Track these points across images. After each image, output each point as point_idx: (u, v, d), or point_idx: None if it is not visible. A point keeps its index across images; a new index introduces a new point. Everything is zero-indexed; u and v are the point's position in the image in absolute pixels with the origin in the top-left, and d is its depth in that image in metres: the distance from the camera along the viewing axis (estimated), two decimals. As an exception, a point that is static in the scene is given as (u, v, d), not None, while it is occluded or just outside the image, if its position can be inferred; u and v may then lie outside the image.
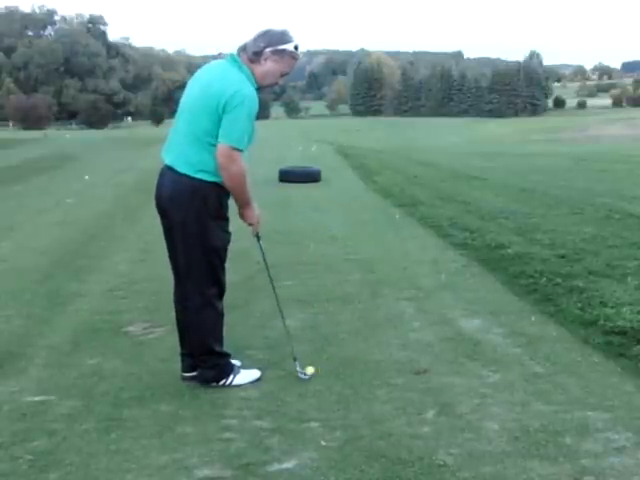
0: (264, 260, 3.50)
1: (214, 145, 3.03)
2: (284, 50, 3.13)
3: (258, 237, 3.42)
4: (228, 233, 3.24)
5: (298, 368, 3.40)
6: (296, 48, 3.17)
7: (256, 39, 3.14)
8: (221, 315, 3.31)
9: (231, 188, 3.11)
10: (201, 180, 3.06)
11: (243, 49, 3.15)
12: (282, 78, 3.24)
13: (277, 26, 3.24)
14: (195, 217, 3.09)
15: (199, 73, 3.26)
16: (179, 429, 2.86)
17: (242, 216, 3.30)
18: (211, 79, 3.12)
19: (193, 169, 3.07)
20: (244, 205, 3.23)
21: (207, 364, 3.28)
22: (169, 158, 3.17)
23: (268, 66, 3.13)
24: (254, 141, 3.18)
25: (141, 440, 2.77)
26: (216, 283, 3.24)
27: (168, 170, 3.16)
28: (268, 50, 3.11)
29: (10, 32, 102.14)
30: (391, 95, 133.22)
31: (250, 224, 3.34)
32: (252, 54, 3.11)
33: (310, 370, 3.41)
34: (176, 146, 3.16)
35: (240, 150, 3.04)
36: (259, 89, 3.17)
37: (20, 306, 4.79)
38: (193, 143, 3.08)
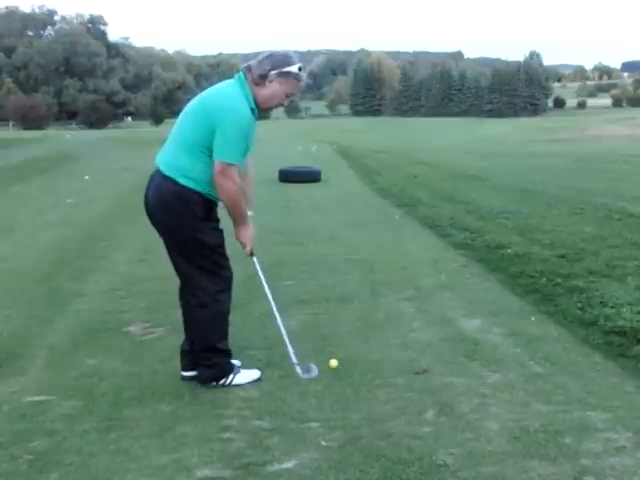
0: (261, 275, 3.47)
1: (204, 153, 3.09)
2: (289, 72, 3.18)
3: (252, 254, 3.42)
4: (220, 231, 3.28)
5: (299, 370, 3.39)
6: (300, 69, 3.21)
7: (261, 62, 3.17)
8: (227, 311, 3.34)
9: (226, 204, 3.17)
10: (184, 186, 3.10)
11: (248, 70, 3.18)
12: (287, 99, 3.28)
13: (280, 46, 3.31)
14: (184, 220, 3.13)
15: (206, 94, 3.29)
16: (179, 429, 2.86)
17: (237, 235, 3.34)
18: (212, 93, 3.21)
19: (178, 174, 3.10)
20: (240, 223, 3.27)
21: (208, 362, 3.29)
22: (160, 160, 3.21)
23: (273, 88, 3.18)
24: (248, 153, 3.26)
25: (141, 440, 2.77)
26: (220, 279, 3.27)
27: (157, 173, 3.20)
28: (273, 73, 3.15)
29: (10, 32, 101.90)
30: (391, 95, 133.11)
31: (243, 243, 3.35)
32: (257, 77, 3.15)
33: (334, 363, 3.45)
34: (168, 150, 3.21)
35: (233, 165, 3.09)
36: (262, 110, 3.22)
37: (20, 306, 4.79)
38: (183, 150, 3.13)
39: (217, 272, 3.25)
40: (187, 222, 3.14)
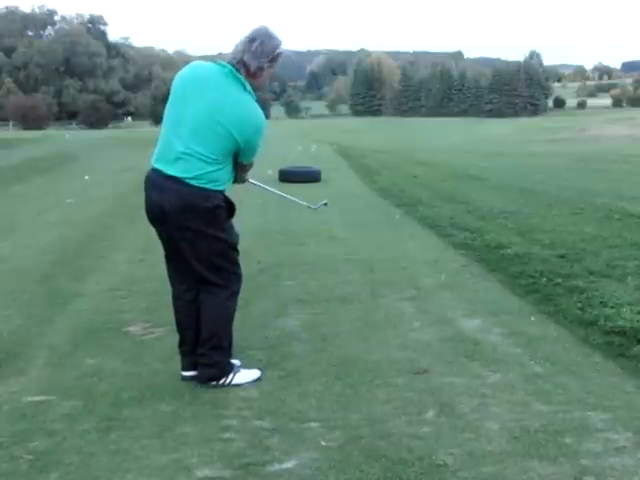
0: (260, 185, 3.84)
1: (226, 159, 3.13)
2: (279, 54, 3.21)
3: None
4: (234, 229, 3.35)
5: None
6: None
7: (255, 54, 3.10)
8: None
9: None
10: (212, 190, 3.11)
11: (242, 64, 3.11)
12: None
13: (263, 23, 3.30)
14: (211, 222, 3.14)
15: (200, 82, 3.13)
16: (179, 429, 2.86)
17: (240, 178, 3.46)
18: (223, 104, 3.07)
19: (204, 181, 3.09)
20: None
21: (209, 360, 3.29)
22: (173, 170, 3.08)
23: (266, 74, 3.22)
24: None
25: (141, 440, 2.77)
26: (237, 277, 3.35)
27: (170, 181, 3.08)
28: (267, 62, 3.17)
29: (10, 32, 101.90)
30: (391, 95, 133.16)
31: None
32: (256, 70, 3.14)
33: None
34: (182, 158, 3.07)
35: None
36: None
37: (20, 306, 4.78)
38: (203, 158, 3.07)
39: (235, 271, 3.33)
40: (216, 223, 3.16)
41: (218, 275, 3.25)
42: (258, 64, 3.13)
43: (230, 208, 3.27)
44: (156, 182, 3.15)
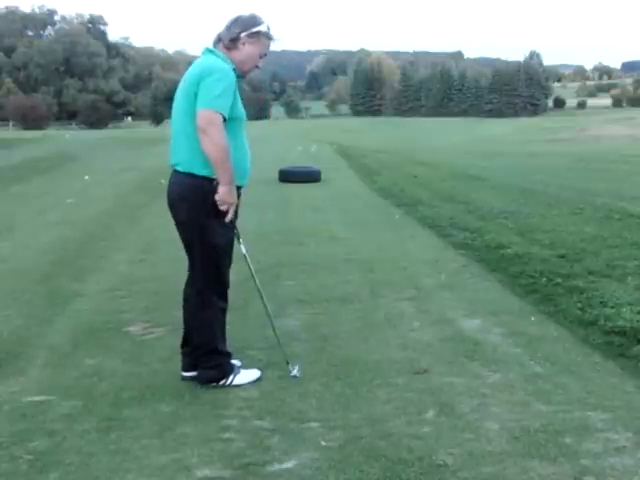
0: (244, 251, 3.39)
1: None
2: (259, 32, 3.21)
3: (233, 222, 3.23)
4: (230, 229, 3.23)
5: (291, 369, 3.42)
6: (268, 28, 3.25)
7: (229, 27, 3.20)
8: (223, 313, 3.33)
9: (213, 157, 2.97)
10: (202, 176, 3.08)
11: (218, 40, 3.22)
12: (261, 60, 3.29)
13: (248, 12, 3.29)
14: (197, 215, 3.13)
15: (185, 75, 3.29)
16: (179, 429, 2.86)
17: (222, 195, 3.05)
18: (188, 73, 3.18)
19: (186, 163, 3.12)
20: (227, 180, 3.02)
21: (208, 363, 3.29)
22: (172, 160, 3.24)
23: (246, 50, 3.20)
24: (245, 118, 3.24)
25: (141, 440, 2.77)
26: (218, 282, 3.26)
27: (174, 172, 3.24)
28: (244, 35, 3.17)
29: (10, 32, 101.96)
30: (391, 95, 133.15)
31: (225, 205, 3.08)
32: (229, 42, 3.18)
33: None
34: (176, 148, 3.22)
35: (221, 114, 2.97)
36: (241, 75, 3.22)
37: (20, 306, 4.79)
38: (188, 141, 3.11)
39: (217, 273, 3.23)
40: (200, 217, 3.12)
41: (198, 274, 3.24)
42: (231, 35, 3.16)
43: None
44: (170, 177, 3.29)
